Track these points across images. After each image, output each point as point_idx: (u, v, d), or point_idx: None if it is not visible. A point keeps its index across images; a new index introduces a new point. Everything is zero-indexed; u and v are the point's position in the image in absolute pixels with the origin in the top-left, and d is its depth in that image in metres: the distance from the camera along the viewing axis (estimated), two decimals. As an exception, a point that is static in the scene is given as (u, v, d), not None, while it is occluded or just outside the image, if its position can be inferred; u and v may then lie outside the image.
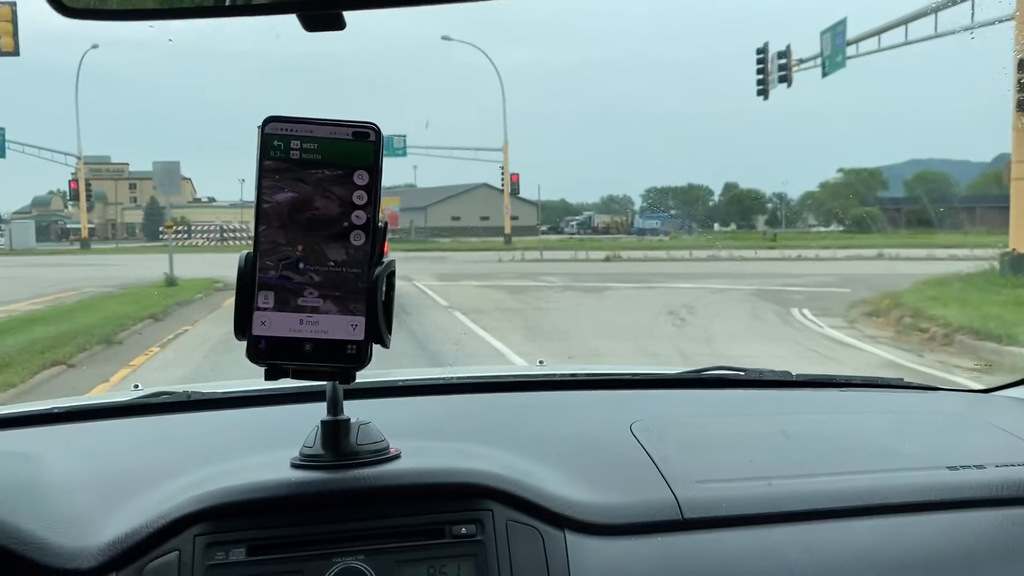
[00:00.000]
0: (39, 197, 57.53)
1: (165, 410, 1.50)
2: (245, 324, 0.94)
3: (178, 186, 16.18)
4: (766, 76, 23.16)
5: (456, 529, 1.04)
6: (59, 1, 0.95)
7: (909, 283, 12.94)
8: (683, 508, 1.13)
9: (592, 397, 1.66)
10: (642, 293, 14.51)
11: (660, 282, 16.39)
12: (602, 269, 21.68)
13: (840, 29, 19.39)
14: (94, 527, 1.04)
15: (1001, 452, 1.31)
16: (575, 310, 12.11)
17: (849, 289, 14.51)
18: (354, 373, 0.97)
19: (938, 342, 8.57)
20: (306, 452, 1.08)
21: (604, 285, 15.71)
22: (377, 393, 1.56)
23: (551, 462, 1.21)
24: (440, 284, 16.10)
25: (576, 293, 14.83)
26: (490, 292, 14.91)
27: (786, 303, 12.43)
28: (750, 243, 31.32)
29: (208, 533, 1.01)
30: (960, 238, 21.94)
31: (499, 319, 10.82)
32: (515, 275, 18.87)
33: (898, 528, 1.14)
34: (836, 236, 33.90)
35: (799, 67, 22.28)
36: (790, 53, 22.08)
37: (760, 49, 23.18)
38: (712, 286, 15.21)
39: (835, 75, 20.77)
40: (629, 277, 17.50)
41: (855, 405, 1.64)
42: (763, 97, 23.61)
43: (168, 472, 1.15)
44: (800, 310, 11.48)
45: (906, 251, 22.98)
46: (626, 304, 12.82)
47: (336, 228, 0.94)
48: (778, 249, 28.16)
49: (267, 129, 0.93)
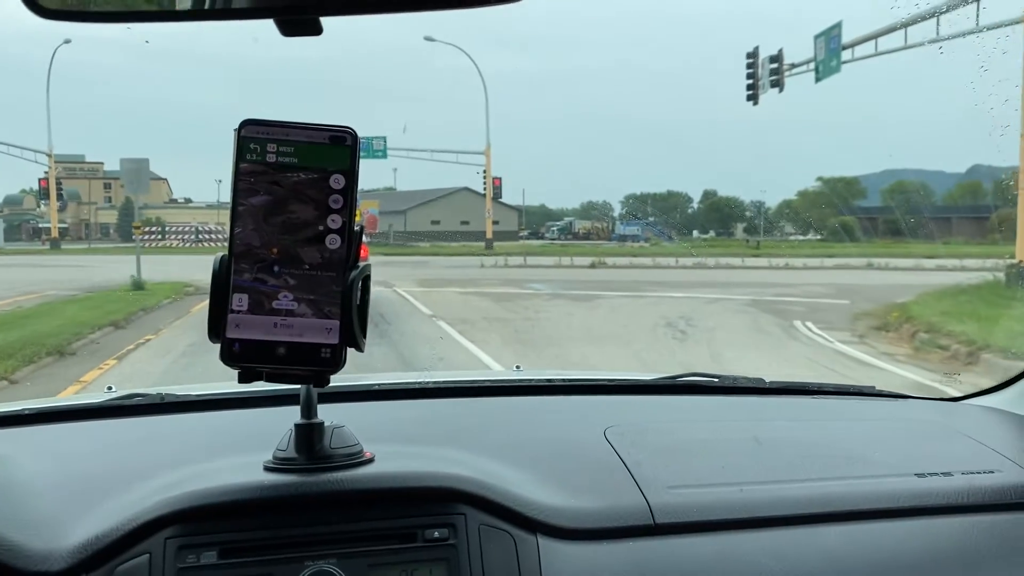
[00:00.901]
0: (11, 196, 56.34)
1: (138, 412, 1.49)
2: (219, 327, 0.94)
3: (147, 185, 15.29)
4: (756, 81, 22.72)
5: (428, 533, 1.04)
6: (34, 1, 0.95)
7: (907, 295, 12.54)
8: (655, 513, 1.13)
9: (568, 402, 1.65)
10: (634, 303, 13.87)
11: (651, 291, 15.79)
12: (589, 276, 21.04)
13: (835, 33, 18.91)
14: (64, 529, 1.03)
15: (968, 460, 1.32)
16: (567, 321, 11.37)
17: (848, 301, 14.04)
18: (328, 377, 0.97)
19: (961, 361, 7.98)
20: (279, 455, 1.08)
21: (594, 294, 15.05)
22: (352, 397, 1.55)
23: (525, 467, 1.21)
24: (422, 291, 15.40)
25: (566, 302, 14.13)
26: (475, 300, 14.20)
27: (786, 315, 11.88)
28: (733, 251, 30.87)
29: (179, 536, 1.01)
30: (936, 248, 22.12)
31: (487, 330, 10.10)
32: (500, 282, 18.17)
33: (867, 534, 1.15)
34: (815, 245, 33.95)
35: (791, 72, 21.80)
36: (782, 57, 21.62)
37: (750, 53, 22.76)
38: (705, 295, 14.63)
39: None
40: (618, 285, 16.86)
41: (827, 412, 1.65)
42: (753, 102, 23.19)
43: (140, 474, 1.14)
44: (804, 323, 10.90)
45: (894, 261, 22.81)
46: (620, 315, 12.12)
47: (311, 231, 0.93)
48: (762, 257, 27.73)
49: (243, 132, 0.93)
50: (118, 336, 9.76)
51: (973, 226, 31.67)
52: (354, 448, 1.10)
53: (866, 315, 11.85)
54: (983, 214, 30.54)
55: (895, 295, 13.87)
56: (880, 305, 12.44)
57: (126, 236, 42.89)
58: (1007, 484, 1.25)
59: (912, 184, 37.03)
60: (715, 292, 15.28)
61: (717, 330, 10.29)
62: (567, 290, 16.27)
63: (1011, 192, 10.67)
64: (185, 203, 55.83)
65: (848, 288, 16.47)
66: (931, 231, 22.13)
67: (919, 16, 17.83)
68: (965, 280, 12.87)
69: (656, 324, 10.67)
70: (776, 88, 21.71)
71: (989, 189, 29.56)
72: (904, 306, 11.36)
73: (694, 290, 15.79)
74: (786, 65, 21.65)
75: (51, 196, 35.12)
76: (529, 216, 57.30)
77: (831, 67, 19.19)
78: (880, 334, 10.09)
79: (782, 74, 21.67)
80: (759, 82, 22.70)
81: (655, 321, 11.01)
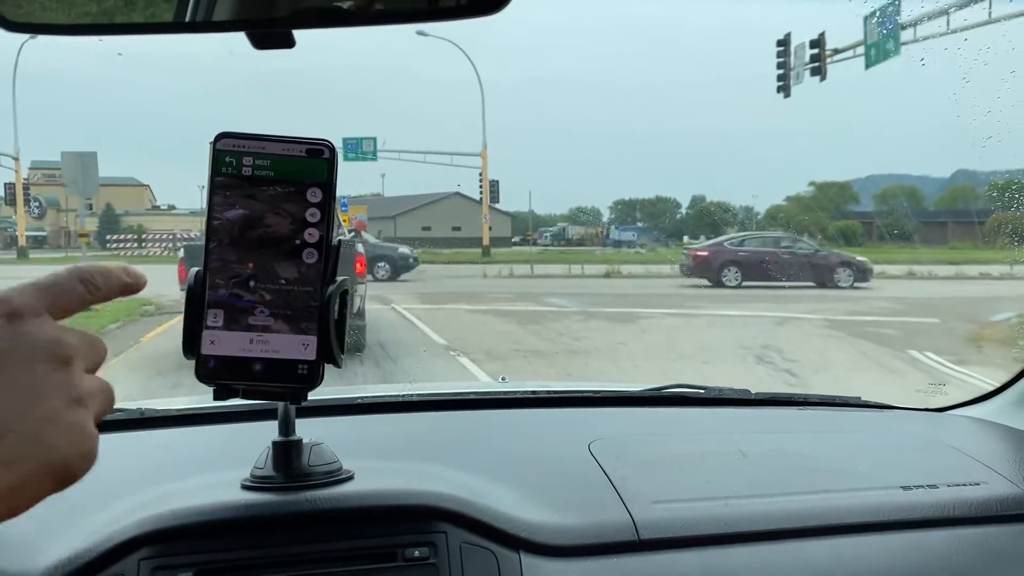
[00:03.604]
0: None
1: (116, 428, 1.46)
2: (194, 343, 0.91)
3: (95, 184, 12.70)
4: (787, 71, 20.51)
5: (409, 552, 1.03)
6: (1, 15, 0.95)
7: (987, 308, 11.29)
8: (639, 529, 1.12)
9: (553, 415, 1.64)
10: (689, 324, 11.42)
11: (693, 306, 13.40)
12: (609, 288, 18.65)
13: (892, 11, 16.59)
14: (36, 550, 1.02)
15: (953, 472, 1.32)
16: (623, 353, 8.85)
17: (936, 319, 11.79)
18: (305, 393, 0.94)
19: None
20: (257, 473, 1.08)
21: (631, 311, 12.60)
22: (332, 411, 1.53)
23: (508, 482, 1.20)
24: (426, 309, 12.93)
25: (605, 323, 11.64)
26: (493, 321, 11.73)
27: (886, 341, 9.58)
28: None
29: (154, 557, 0.99)
30: (941, 253, 21.44)
31: (527, 372, 7.56)
32: (512, 296, 15.70)
33: (853, 548, 1.14)
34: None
35: (832, 58, 19.51)
36: (824, 42, 19.31)
37: (781, 41, 20.59)
38: (764, 313, 12.27)
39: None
40: (650, 299, 14.41)
41: (813, 424, 1.64)
42: (784, 94, 20.99)
43: (115, 492, 1.13)
44: (922, 353, 8.55)
45: (936, 269, 21.27)
46: (684, 343, 9.60)
47: (288, 246, 0.91)
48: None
49: (219, 145, 0.91)
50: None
51: (968, 230, 31.13)
52: (333, 466, 1.10)
53: (980, 339, 9.70)
54: (978, 218, 30.49)
55: (977, 310, 12.43)
56: (978, 324, 10.62)
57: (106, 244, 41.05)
58: (993, 496, 1.25)
59: (904, 188, 36.66)
60: (769, 308, 12.95)
61: (831, 367, 7.89)
62: (596, 306, 13.83)
63: (1011, 194, 9.26)
64: (168, 210, 52.91)
65: (915, 302, 14.42)
66: (931, 235, 21.16)
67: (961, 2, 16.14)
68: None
69: (743, 359, 8.25)
70: (817, 76, 19.41)
71: (980, 193, 29.49)
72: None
73: (743, 305, 13.44)
74: (828, 51, 19.34)
75: (17, 201, 32.91)
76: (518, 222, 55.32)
77: (887, 50, 16.89)
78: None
79: (823, 60, 19.35)
80: (791, 72, 20.52)
81: (735, 353, 8.62)
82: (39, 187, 41.74)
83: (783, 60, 20.55)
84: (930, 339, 9.72)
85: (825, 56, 19.40)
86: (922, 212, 36.95)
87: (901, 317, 12.16)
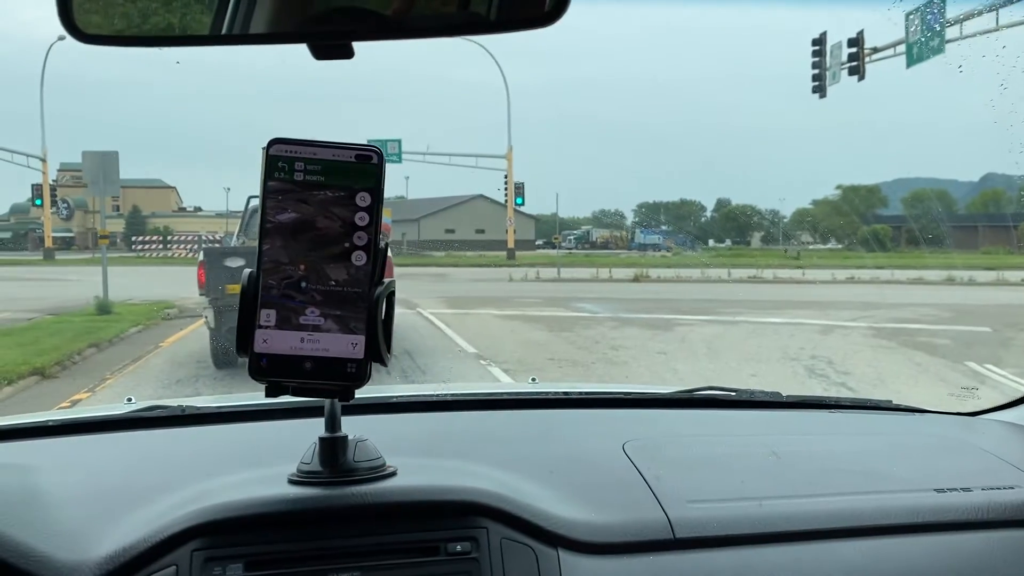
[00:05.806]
0: (17, 204, 54.55)
1: (159, 424, 1.48)
2: (247, 341, 0.94)
3: (117, 184, 12.39)
4: (822, 71, 19.97)
5: (451, 547, 1.04)
6: (75, 27, 1.01)
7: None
8: (675, 528, 1.13)
9: (585, 415, 1.63)
10: (729, 333, 10.94)
11: (730, 313, 12.92)
12: (639, 293, 18.17)
13: (938, 8, 16.00)
14: (91, 541, 1.03)
15: (987, 475, 1.31)
16: (664, 364, 8.36)
17: (988, 328, 11.24)
18: (353, 391, 0.97)
19: None
20: (304, 468, 1.09)
21: (666, 318, 12.13)
22: (373, 409, 1.54)
23: (545, 480, 1.21)
24: (452, 313, 12.54)
25: (640, 331, 11.17)
26: (523, 328, 11.31)
27: (939, 351, 9.08)
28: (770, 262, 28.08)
29: (205, 548, 1.01)
30: (976, 258, 21.00)
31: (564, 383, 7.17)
32: (541, 301, 15.27)
33: (886, 550, 1.14)
34: (845, 255, 32.47)
35: (871, 57, 18.94)
36: (863, 40, 18.74)
37: (816, 40, 20.04)
38: (806, 321, 11.78)
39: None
40: (685, 306, 13.92)
41: (844, 427, 1.62)
42: (819, 94, 20.45)
43: (164, 487, 1.14)
44: (981, 364, 8.03)
45: (976, 274, 20.59)
46: (727, 353, 9.12)
47: (338, 248, 0.93)
48: (807, 268, 24.99)
49: (272, 151, 0.93)
50: (36, 393, 6.90)
51: (1000, 234, 30.76)
52: (377, 461, 1.10)
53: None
54: (1010, 223, 30.11)
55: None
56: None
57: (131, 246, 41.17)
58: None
59: (933, 192, 36.14)
60: (811, 315, 12.45)
61: (888, 380, 7.39)
62: (628, 312, 13.37)
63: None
64: (195, 211, 54.04)
65: (962, 309, 13.89)
66: (962, 240, 20.64)
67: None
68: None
69: (793, 372, 7.78)
70: (855, 76, 18.83)
71: (1013, 197, 29.02)
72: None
73: (784, 312, 12.93)
74: (867, 49, 18.77)
75: (44, 203, 33.17)
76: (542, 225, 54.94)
77: (931, 47, 16.29)
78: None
79: (862, 59, 18.78)
80: (826, 71, 19.97)
81: (784, 364, 8.16)
82: (67, 189, 41.96)
83: (818, 60, 20.02)
84: (986, 349, 9.21)
85: (864, 55, 18.82)
86: (952, 216, 36.55)
87: (950, 325, 11.61)
